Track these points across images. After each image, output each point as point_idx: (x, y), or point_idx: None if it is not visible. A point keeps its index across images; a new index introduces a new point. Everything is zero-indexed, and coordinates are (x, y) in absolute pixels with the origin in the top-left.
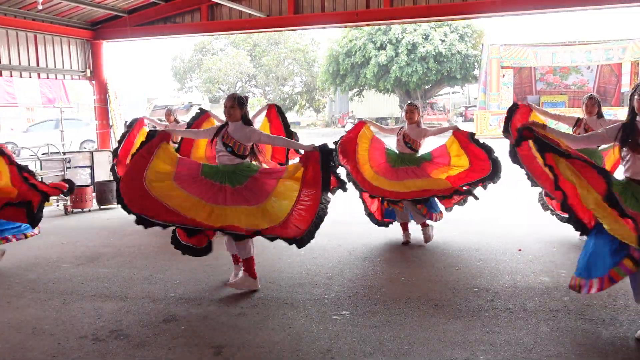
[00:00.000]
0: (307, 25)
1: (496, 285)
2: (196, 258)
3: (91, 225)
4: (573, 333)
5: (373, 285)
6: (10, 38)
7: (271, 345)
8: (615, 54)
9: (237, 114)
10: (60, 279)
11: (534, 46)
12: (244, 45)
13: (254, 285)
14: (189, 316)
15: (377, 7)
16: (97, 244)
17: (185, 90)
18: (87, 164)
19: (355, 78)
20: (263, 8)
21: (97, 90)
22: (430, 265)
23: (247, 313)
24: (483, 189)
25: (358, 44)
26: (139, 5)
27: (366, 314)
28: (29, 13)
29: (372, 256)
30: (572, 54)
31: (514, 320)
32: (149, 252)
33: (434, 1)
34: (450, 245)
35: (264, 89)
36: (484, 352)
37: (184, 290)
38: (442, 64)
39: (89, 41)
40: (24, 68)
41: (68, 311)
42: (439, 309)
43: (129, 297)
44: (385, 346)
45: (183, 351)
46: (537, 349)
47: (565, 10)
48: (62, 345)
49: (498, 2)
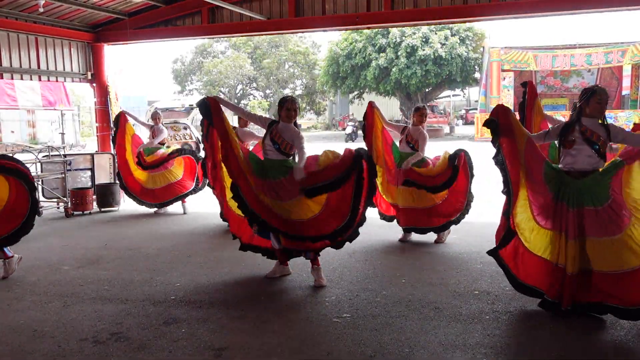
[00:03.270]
0: (307, 28)
1: (497, 288)
2: (195, 261)
3: (91, 227)
4: (573, 336)
5: (373, 288)
6: (12, 40)
7: (271, 348)
8: (615, 57)
9: (294, 118)
10: (61, 282)
11: (535, 49)
12: (244, 48)
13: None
14: (189, 319)
15: (378, 9)
16: (97, 246)
17: (186, 93)
18: (88, 167)
19: (355, 80)
20: (264, 11)
21: (97, 92)
22: (430, 268)
23: (248, 315)
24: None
25: (358, 46)
26: (140, 8)
27: (367, 316)
28: (30, 16)
29: (373, 259)
30: (572, 57)
31: (515, 324)
32: (149, 255)
33: (434, 4)
34: (451, 248)
35: (264, 91)
36: (485, 355)
37: (184, 293)
38: (442, 67)
39: (90, 44)
40: (25, 70)
41: (68, 314)
42: (439, 312)
43: (130, 299)
44: (385, 349)
45: (183, 354)
46: (538, 352)
47: (565, 14)
48: (62, 348)
49: (499, 5)
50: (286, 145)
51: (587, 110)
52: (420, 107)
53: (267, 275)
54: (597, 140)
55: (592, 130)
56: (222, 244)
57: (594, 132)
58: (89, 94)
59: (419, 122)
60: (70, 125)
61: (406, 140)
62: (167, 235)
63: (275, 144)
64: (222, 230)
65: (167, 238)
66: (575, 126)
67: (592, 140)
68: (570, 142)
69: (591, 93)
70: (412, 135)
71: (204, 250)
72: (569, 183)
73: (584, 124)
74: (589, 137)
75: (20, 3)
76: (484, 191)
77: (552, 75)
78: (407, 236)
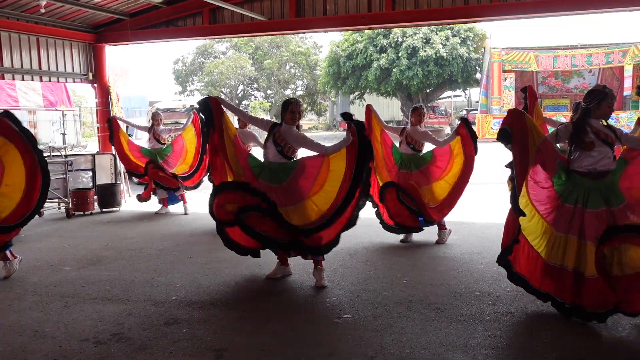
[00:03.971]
0: (308, 29)
1: (498, 289)
2: (196, 262)
3: (93, 228)
4: (575, 337)
5: (375, 288)
6: (13, 41)
7: (272, 348)
8: (616, 58)
9: (298, 120)
10: (62, 282)
11: (536, 50)
12: (245, 49)
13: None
14: (190, 319)
15: (379, 10)
16: (98, 247)
17: (187, 94)
18: (89, 167)
19: (356, 81)
20: (265, 11)
21: (98, 93)
22: (432, 269)
23: (249, 316)
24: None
25: (359, 47)
26: (141, 9)
27: (368, 317)
28: (31, 16)
29: (374, 259)
30: (573, 57)
31: (516, 324)
32: (150, 255)
33: (435, 4)
34: (452, 249)
35: (265, 92)
36: (486, 356)
37: (185, 294)
38: (443, 68)
39: (91, 44)
40: (27, 71)
41: (69, 314)
42: (440, 312)
43: (131, 300)
44: (386, 350)
45: (184, 354)
46: (539, 353)
47: (566, 14)
48: (63, 348)
49: (500, 5)
50: (289, 148)
51: (597, 112)
52: (417, 107)
53: (267, 276)
54: (612, 142)
55: (604, 132)
56: (223, 245)
57: (607, 134)
58: (90, 95)
59: (417, 122)
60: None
61: (406, 141)
62: (168, 235)
63: (278, 146)
64: None
65: (168, 239)
66: (586, 127)
67: (608, 142)
68: (589, 144)
69: (603, 96)
70: (412, 136)
71: (205, 251)
72: (586, 185)
73: (593, 125)
74: (604, 138)
75: (22, 4)
76: (485, 192)
77: (554, 76)
78: (409, 237)
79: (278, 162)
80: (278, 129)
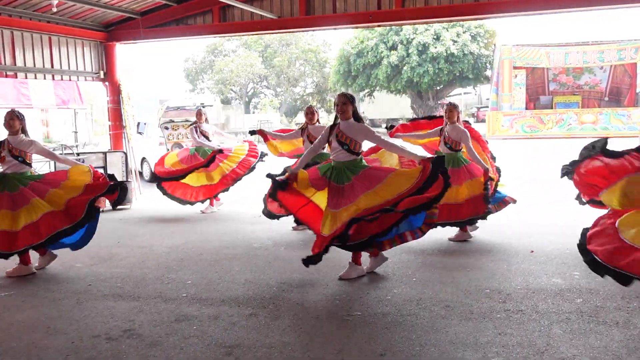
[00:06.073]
0: (318, 27)
1: (508, 287)
2: (206, 259)
3: (104, 225)
4: (586, 335)
5: (384, 286)
6: (25, 40)
7: (282, 345)
8: (628, 54)
9: (349, 111)
10: (74, 279)
11: (547, 46)
12: (255, 47)
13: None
14: (200, 316)
15: (389, 7)
16: (110, 244)
17: (197, 92)
18: (101, 165)
19: (366, 79)
20: (274, 9)
21: (110, 91)
22: (441, 266)
23: (259, 313)
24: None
25: (370, 44)
26: (152, 7)
27: (377, 314)
28: (43, 15)
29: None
30: (584, 54)
31: (526, 322)
32: (161, 253)
33: (445, 2)
34: (462, 246)
35: (275, 90)
36: (496, 354)
37: (195, 290)
38: (454, 65)
39: (103, 43)
40: (39, 70)
41: (81, 310)
42: (450, 310)
43: (142, 296)
44: (396, 347)
45: (195, 351)
46: (550, 352)
47: (577, 10)
48: (75, 344)
49: (510, 2)
50: (355, 144)
51: None
52: (446, 104)
53: (341, 277)
54: None
55: None
56: (233, 242)
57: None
58: (102, 93)
59: (452, 120)
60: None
61: (444, 142)
62: (178, 233)
63: (344, 145)
64: (233, 229)
65: (178, 236)
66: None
67: None
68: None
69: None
70: (450, 136)
71: (215, 248)
72: None
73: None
74: None
75: (34, 3)
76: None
77: (565, 72)
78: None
79: (348, 161)
80: (337, 127)
